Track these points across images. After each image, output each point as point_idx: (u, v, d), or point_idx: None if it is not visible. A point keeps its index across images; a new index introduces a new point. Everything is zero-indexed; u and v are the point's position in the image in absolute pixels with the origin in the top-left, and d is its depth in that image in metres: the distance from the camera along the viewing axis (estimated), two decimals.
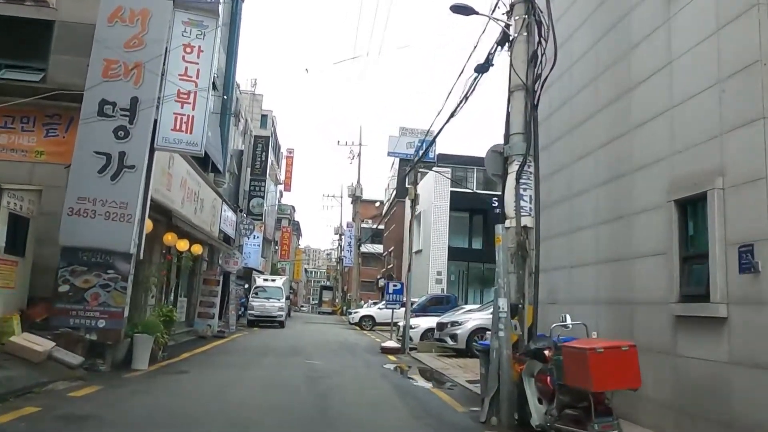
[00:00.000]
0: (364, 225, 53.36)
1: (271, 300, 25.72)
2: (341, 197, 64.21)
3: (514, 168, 7.61)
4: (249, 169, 27.31)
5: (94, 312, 9.45)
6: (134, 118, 9.84)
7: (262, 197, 26.63)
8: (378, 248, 60.31)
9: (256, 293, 26.12)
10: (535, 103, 7.71)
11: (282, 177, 56.14)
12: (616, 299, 7.69)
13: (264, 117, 45.62)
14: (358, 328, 29.49)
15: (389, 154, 48.56)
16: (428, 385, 10.60)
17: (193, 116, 10.26)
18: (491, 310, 16.35)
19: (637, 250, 7.27)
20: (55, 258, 9.52)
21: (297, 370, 11.37)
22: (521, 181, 7.50)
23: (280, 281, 27.65)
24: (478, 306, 18.12)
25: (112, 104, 9.80)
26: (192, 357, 12.34)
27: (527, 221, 7.44)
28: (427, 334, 17.77)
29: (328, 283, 78.16)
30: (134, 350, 9.77)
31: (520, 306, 7.22)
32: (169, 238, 12.52)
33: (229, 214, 20.51)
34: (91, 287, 9.51)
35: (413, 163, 16.51)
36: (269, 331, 23.44)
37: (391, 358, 15.07)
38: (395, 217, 43.84)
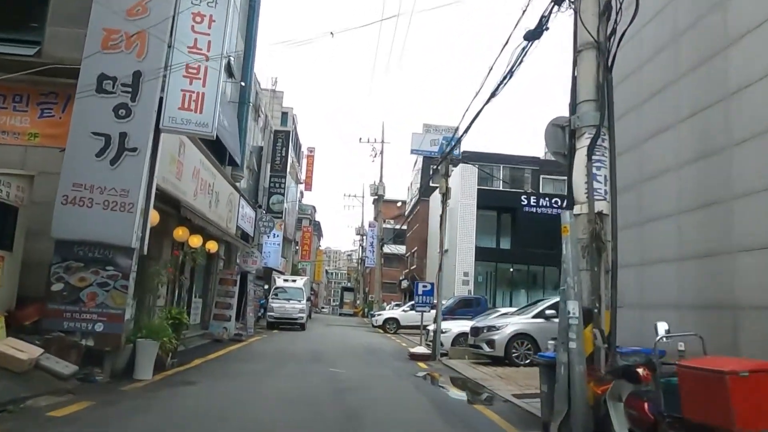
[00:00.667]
0: (386, 225, 52.11)
1: (291, 301, 24.57)
2: (363, 197, 63.17)
3: (584, 143, 6.26)
4: (269, 165, 26.24)
5: (90, 314, 8.31)
6: (137, 94, 8.69)
7: (283, 194, 25.52)
8: (400, 249, 59.03)
9: (276, 294, 25.00)
10: (609, 64, 6.34)
11: (303, 176, 55.25)
12: (711, 303, 6.29)
13: (284, 114, 44.69)
14: (381, 331, 28.20)
15: (412, 151, 47.28)
16: (472, 400, 9.27)
17: (203, 93, 9.07)
18: (532, 313, 15.02)
19: (740, 243, 5.87)
20: (48, 253, 8.40)
21: (320, 380, 10.12)
22: (594, 158, 6.14)
23: (300, 282, 26.51)
24: (514, 309, 16.71)
25: (112, 79, 8.66)
26: (204, 364, 11.18)
27: (602, 206, 6.08)
28: (459, 339, 16.41)
29: (349, 285, 77.00)
30: (137, 358, 8.61)
31: (595, 310, 5.86)
32: (180, 233, 11.39)
33: (247, 210, 19.40)
34: (87, 286, 8.37)
35: (445, 153, 15.24)
36: (289, 334, 22.28)
37: (422, 365, 13.75)
38: (419, 216, 42.50)
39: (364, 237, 63.19)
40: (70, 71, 8.78)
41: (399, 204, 67.82)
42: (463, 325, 16.97)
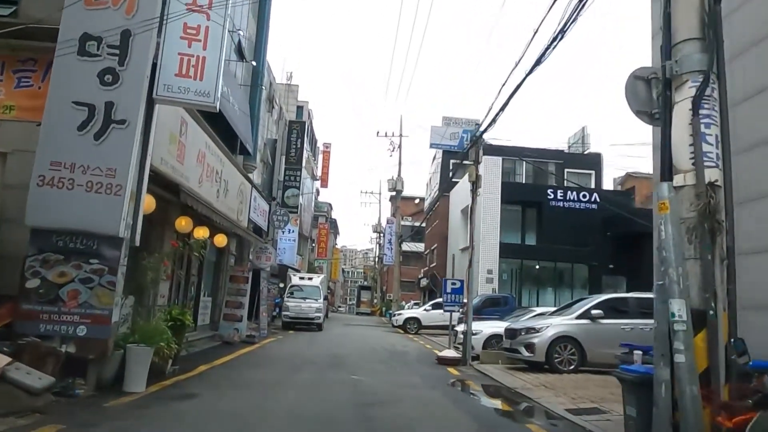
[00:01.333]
0: (404, 222, 50.71)
1: (307, 300, 23.28)
2: (380, 194, 61.90)
3: (685, 94, 4.82)
4: (283, 158, 24.99)
5: (72, 315, 7.03)
6: (126, 57, 7.39)
7: (298, 188, 24.24)
8: (419, 247, 57.59)
9: (292, 293, 23.74)
10: None
11: (318, 172, 54.10)
12: None
13: (299, 108, 43.52)
14: (401, 331, 26.84)
15: (432, 145, 45.88)
16: (521, 416, 7.87)
17: (203, 58, 7.75)
18: (576, 314, 13.46)
19: None
20: (22, 244, 7.15)
21: (340, 391, 8.78)
22: (701, 112, 4.70)
23: (317, 280, 25.22)
24: (552, 309, 15.22)
25: (96, 40, 7.37)
26: (209, 371, 9.88)
27: (713, 175, 4.64)
28: (491, 341, 14.98)
29: (365, 283, 75.71)
30: (127, 366, 7.33)
31: (710, 312, 4.43)
32: (183, 223, 10.12)
33: (260, 202, 18.13)
34: (68, 282, 7.09)
35: (477, 136, 13.82)
36: (306, 335, 20.98)
37: (453, 371, 12.35)
38: (438, 212, 40.98)
39: (382, 234, 61.90)
40: (51, 34, 7.50)
41: (417, 201, 66.38)
42: (494, 326, 15.54)
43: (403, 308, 41.09)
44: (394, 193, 51.58)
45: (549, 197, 31.64)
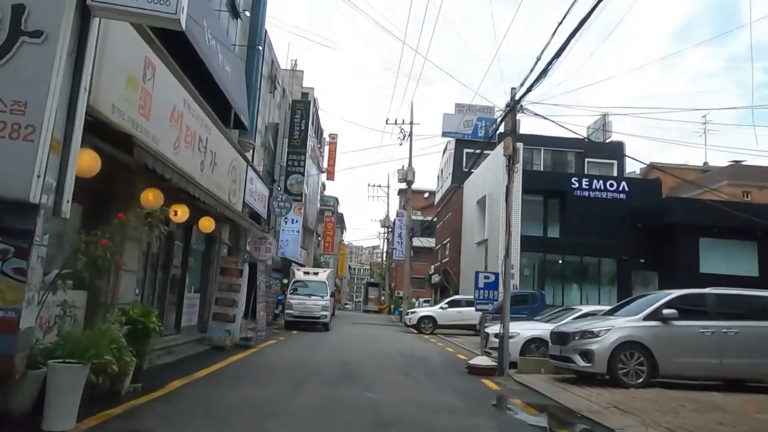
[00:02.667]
0: (413, 217, 48.36)
1: (313, 297, 20.98)
2: (388, 187, 59.68)
3: None
4: (286, 141, 22.67)
5: None
6: None
7: (302, 173, 21.92)
8: (429, 242, 55.24)
9: (295, 289, 21.43)
10: None
11: (325, 165, 51.93)
12: None
13: (304, 95, 41.22)
14: (415, 330, 24.56)
15: (444, 134, 43.48)
16: None
17: None
18: (642, 314, 10.83)
19: None
20: None
21: (353, 418, 6.47)
22: None
23: (323, 275, 22.90)
24: (606, 307, 12.79)
25: None
26: (184, 389, 7.56)
27: None
28: (529, 346, 12.63)
29: (373, 280, 73.39)
30: (48, 393, 5.04)
31: None
32: (150, 197, 7.81)
33: (258, 185, 15.82)
34: None
35: (515, 102, 11.47)
36: (310, 336, 18.68)
37: (490, 384, 10.02)
38: (451, 205, 38.48)
39: (391, 229, 59.53)
40: None
41: (426, 195, 63.97)
42: (532, 328, 13.18)
43: (414, 306, 38.83)
44: (404, 185, 49.34)
45: (573, 186, 29.22)
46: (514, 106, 11.87)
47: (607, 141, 38.48)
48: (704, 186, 31.32)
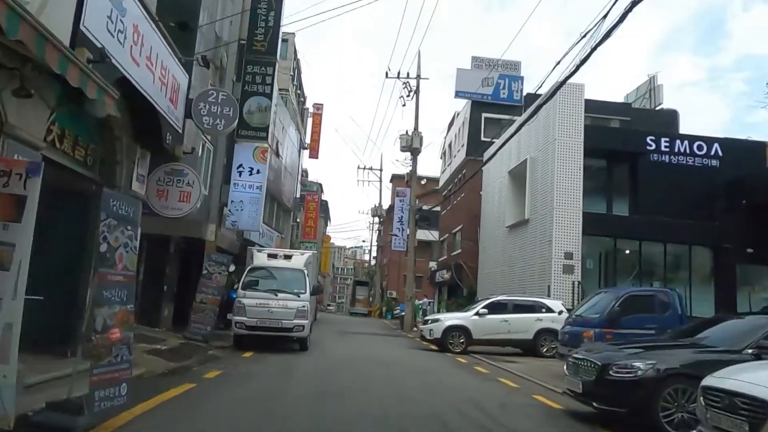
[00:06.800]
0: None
1: (281, 296, 12.61)
2: (380, 170, 51.39)
3: None
4: (245, 45, 14.23)
5: None
6: None
7: (269, 97, 13.53)
8: (428, 235, 46.93)
9: (253, 282, 13.03)
10: None
11: (308, 140, 43.49)
12: None
13: (283, 42, 32.71)
14: (435, 347, 16.34)
15: (457, 94, 35.15)
16: None
17: None
18: None
19: None
20: None
21: None
22: None
23: (300, 259, 14.45)
24: None
25: None
26: None
27: None
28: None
29: (362, 279, 64.82)
30: None
31: None
32: None
33: (155, 42, 7.36)
34: None
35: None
36: (274, 363, 10.38)
37: None
38: (467, 184, 30.11)
39: (382, 219, 51.26)
40: None
41: (424, 182, 55.72)
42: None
43: (419, 309, 30.56)
44: (402, 174, 41.08)
45: (649, 147, 21.21)
46: None
47: (657, 108, 30.61)
48: None
